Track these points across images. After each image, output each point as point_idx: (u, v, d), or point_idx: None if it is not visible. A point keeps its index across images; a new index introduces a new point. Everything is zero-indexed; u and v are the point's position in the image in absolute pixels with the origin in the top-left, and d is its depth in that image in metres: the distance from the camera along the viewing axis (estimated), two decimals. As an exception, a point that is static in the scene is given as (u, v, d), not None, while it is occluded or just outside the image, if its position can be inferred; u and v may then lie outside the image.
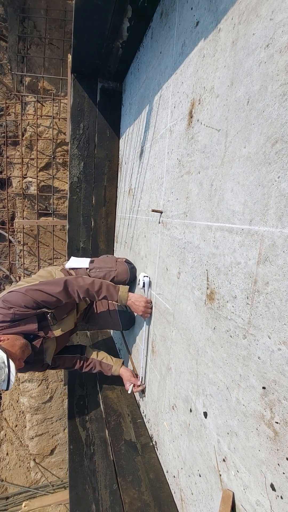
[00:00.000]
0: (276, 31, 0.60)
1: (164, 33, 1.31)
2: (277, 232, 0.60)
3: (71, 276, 1.50)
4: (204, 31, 0.91)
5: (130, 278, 1.77)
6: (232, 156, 0.76)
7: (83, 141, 2.31)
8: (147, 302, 1.45)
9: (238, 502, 0.73)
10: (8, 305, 1.27)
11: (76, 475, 1.26)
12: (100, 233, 2.51)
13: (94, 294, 1.44)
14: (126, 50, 1.84)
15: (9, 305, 1.27)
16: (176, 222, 1.13)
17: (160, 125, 1.34)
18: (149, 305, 1.45)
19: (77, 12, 1.52)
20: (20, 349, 1.24)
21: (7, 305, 1.27)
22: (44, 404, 3.70)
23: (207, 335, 0.88)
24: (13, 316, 1.27)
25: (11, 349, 1.20)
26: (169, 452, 1.19)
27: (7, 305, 1.27)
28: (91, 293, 1.44)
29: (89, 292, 1.43)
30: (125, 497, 1.16)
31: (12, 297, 1.29)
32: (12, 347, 1.21)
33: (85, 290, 1.42)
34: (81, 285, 1.42)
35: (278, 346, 0.59)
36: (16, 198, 3.53)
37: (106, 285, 1.48)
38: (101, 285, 1.46)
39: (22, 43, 3.16)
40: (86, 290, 1.42)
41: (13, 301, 1.28)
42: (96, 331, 2.62)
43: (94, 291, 1.44)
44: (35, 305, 1.31)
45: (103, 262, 1.86)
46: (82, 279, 1.46)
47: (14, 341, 1.24)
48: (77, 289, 1.41)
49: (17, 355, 1.21)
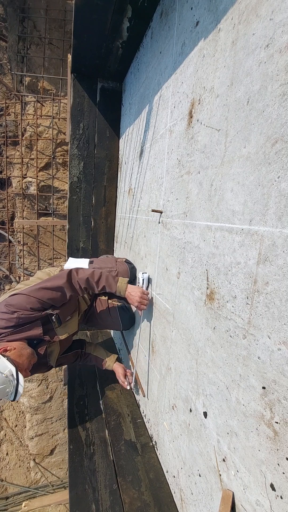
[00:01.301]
0: (276, 31, 0.60)
1: (164, 33, 1.31)
2: (277, 232, 0.60)
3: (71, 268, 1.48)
4: (204, 31, 0.91)
5: (130, 278, 1.77)
6: (232, 156, 0.76)
7: (83, 141, 2.31)
8: (143, 293, 1.40)
9: (238, 502, 0.73)
10: (12, 309, 1.22)
11: (76, 475, 1.26)
12: (100, 233, 2.51)
13: (94, 285, 1.41)
14: (126, 50, 1.84)
15: (13, 309, 1.22)
16: (176, 222, 1.13)
17: (160, 125, 1.34)
18: (145, 296, 1.40)
19: (77, 12, 1.51)
20: (27, 359, 1.21)
21: (11, 309, 1.22)
22: (44, 404, 3.70)
23: (207, 335, 0.88)
24: (17, 320, 1.23)
25: (19, 359, 1.17)
26: (169, 452, 1.19)
27: (11, 309, 1.22)
28: (91, 283, 1.41)
29: (89, 282, 1.40)
30: (125, 497, 1.16)
31: (15, 300, 1.24)
32: (19, 357, 1.17)
33: (86, 280, 1.39)
34: (81, 276, 1.40)
35: (278, 346, 0.59)
36: (16, 198, 3.52)
37: (106, 275, 1.45)
38: (101, 275, 1.43)
39: (22, 43, 3.16)
40: (87, 280, 1.39)
41: (17, 304, 1.23)
42: (96, 331, 2.62)
43: (94, 281, 1.41)
44: (40, 306, 1.27)
45: (103, 263, 1.85)
46: (82, 270, 1.43)
47: (21, 351, 1.21)
48: (78, 280, 1.38)
49: (25, 365, 1.18)
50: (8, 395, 1.06)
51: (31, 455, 3.81)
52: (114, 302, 1.87)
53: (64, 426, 3.82)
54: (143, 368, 1.58)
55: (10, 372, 1.08)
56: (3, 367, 1.08)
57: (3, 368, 1.07)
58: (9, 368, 1.09)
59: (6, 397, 1.07)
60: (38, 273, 1.60)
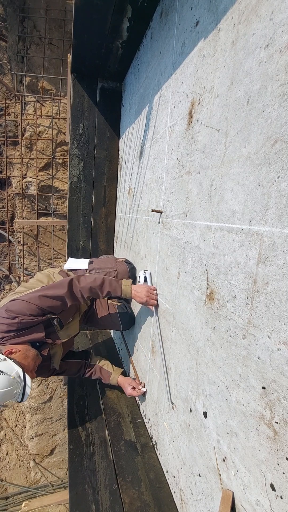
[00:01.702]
0: (276, 31, 0.60)
1: (164, 33, 1.31)
2: (277, 232, 0.60)
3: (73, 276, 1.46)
4: (204, 31, 0.91)
5: (130, 278, 1.76)
6: (232, 156, 0.76)
7: (83, 141, 2.31)
8: (150, 289, 1.38)
9: (238, 502, 0.73)
10: (12, 315, 1.22)
11: (76, 475, 1.26)
12: (100, 233, 2.51)
13: (98, 292, 1.40)
14: (126, 50, 1.84)
15: (13, 314, 1.22)
16: (176, 222, 1.13)
17: (160, 125, 1.34)
18: (153, 291, 1.38)
19: (77, 12, 1.51)
20: (33, 360, 1.22)
21: (11, 315, 1.22)
22: (44, 404, 3.70)
23: (207, 335, 0.88)
24: (19, 325, 1.23)
25: (24, 361, 1.18)
26: (169, 452, 1.19)
27: (11, 315, 1.22)
28: (94, 291, 1.39)
29: (92, 290, 1.38)
30: (125, 497, 1.16)
31: (16, 306, 1.24)
32: (25, 359, 1.19)
33: (89, 289, 1.38)
34: (83, 285, 1.38)
35: (278, 346, 0.59)
36: (16, 198, 3.52)
37: (109, 280, 1.43)
38: (103, 281, 1.41)
39: (22, 43, 3.16)
40: (90, 289, 1.38)
41: (17, 310, 1.23)
42: (96, 331, 2.62)
43: (97, 289, 1.39)
44: (40, 312, 1.27)
45: (103, 263, 1.85)
46: (84, 278, 1.41)
47: (26, 352, 1.22)
48: (80, 289, 1.37)
49: (30, 367, 1.19)
50: (15, 397, 1.08)
51: (31, 455, 3.81)
52: (114, 302, 1.87)
53: (64, 426, 3.82)
54: (143, 368, 1.58)
55: (17, 373, 1.09)
56: (10, 369, 1.09)
57: (10, 370, 1.08)
58: (16, 370, 1.10)
59: (14, 398, 1.08)
60: (38, 275, 1.59)
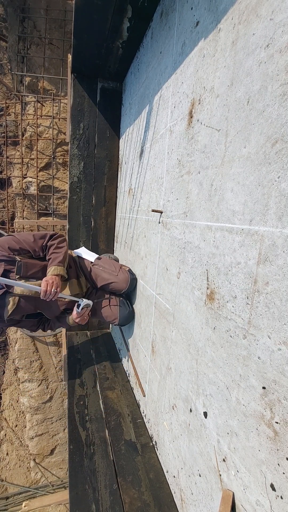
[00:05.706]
0: (276, 31, 0.60)
1: (164, 33, 1.31)
2: (277, 232, 0.60)
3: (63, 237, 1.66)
4: (204, 31, 0.91)
5: (128, 288, 1.76)
6: (232, 156, 0.76)
7: (83, 141, 2.31)
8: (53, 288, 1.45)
9: (238, 502, 0.73)
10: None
11: (76, 475, 1.26)
12: (100, 233, 2.51)
13: (57, 254, 1.56)
14: (126, 50, 1.84)
15: None
16: (176, 222, 1.13)
17: (160, 125, 1.34)
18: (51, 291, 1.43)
19: (77, 12, 1.51)
20: None
21: None
22: (44, 404, 3.70)
23: (207, 335, 0.88)
24: None
25: None
26: (169, 452, 1.19)
27: None
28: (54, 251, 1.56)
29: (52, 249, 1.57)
30: (125, 497, 1.16)
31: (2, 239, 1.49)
32: None
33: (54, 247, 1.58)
34: (58, 245, 1.58)
35: (278, 346, 0.59)
36: (16, 198, 3.52)
37: (63, 258, 1.56)
38: (65, 257, 1.58)
39: (22, 43, 3.16)
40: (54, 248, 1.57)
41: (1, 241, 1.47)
42: (96, 331, 2.62)
43: (56, 246, 1.57)
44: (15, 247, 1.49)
45: (108, 264, 1.86)
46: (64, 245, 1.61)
47: None
48: (53, 243, 1.57)
49: None
50: None
51: (31, 455, 3.81)
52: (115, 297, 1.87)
53: (64, 426, 3.82)
54: (143, 368, 1.58)
55: None
56: None
57: None
58: None
59: None
60: None
